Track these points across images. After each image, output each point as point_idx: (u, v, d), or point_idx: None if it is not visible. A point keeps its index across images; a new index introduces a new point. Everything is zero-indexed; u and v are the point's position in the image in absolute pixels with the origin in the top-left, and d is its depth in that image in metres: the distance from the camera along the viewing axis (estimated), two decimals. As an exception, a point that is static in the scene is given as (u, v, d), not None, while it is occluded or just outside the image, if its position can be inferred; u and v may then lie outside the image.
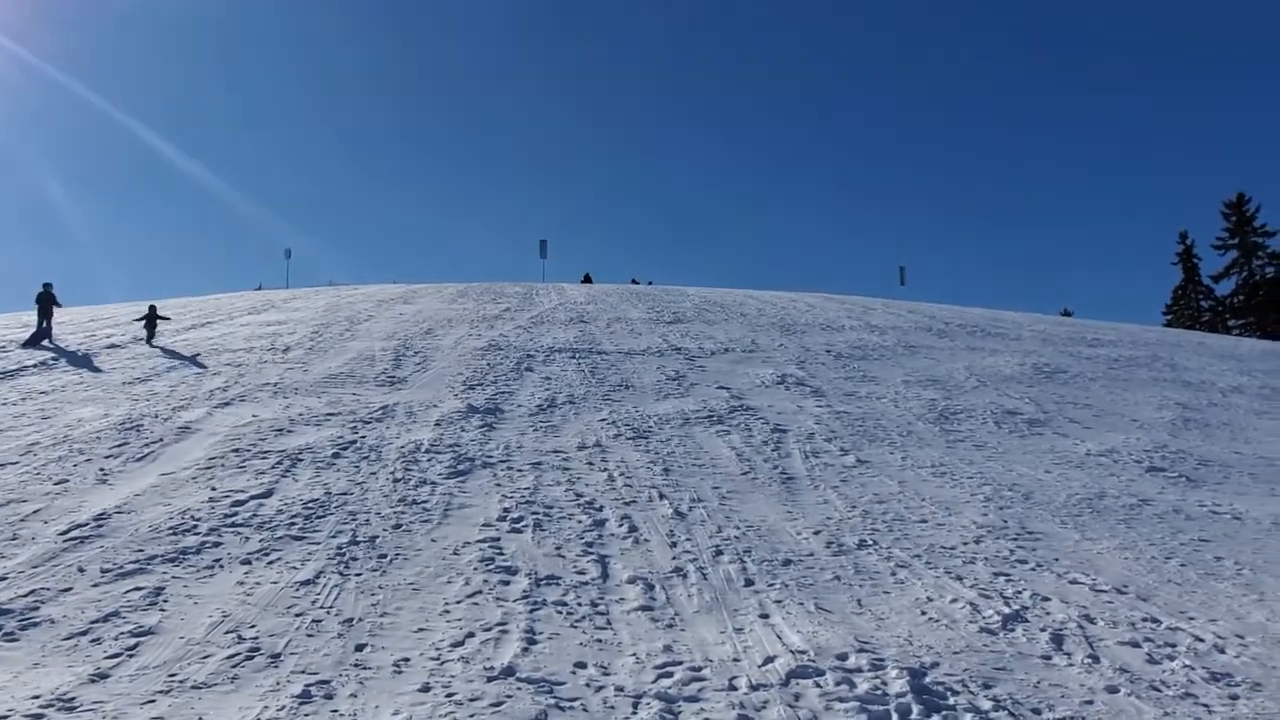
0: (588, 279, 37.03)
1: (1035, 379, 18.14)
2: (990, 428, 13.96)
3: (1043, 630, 6.44)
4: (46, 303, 18.98)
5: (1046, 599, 7.11)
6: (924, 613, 6.78)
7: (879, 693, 5.28)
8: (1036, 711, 5.18)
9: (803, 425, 13.34)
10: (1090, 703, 5.33)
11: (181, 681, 5.15)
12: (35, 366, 16.33)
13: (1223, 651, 6.17)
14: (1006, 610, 6.80)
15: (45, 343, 18.62)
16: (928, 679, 5.51)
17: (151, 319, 19.48)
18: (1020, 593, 7.25)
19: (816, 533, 8.74)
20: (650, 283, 37.50)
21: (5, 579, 6.85)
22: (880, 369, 18.24)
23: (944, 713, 5.07)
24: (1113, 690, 5.49)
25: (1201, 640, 6.34)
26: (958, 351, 20.77)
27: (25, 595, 6.53)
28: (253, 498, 9.06)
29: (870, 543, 8.48)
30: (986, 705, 5.20)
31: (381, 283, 33.83)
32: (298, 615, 6.29)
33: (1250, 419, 15.76)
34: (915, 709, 5.09)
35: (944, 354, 20.39)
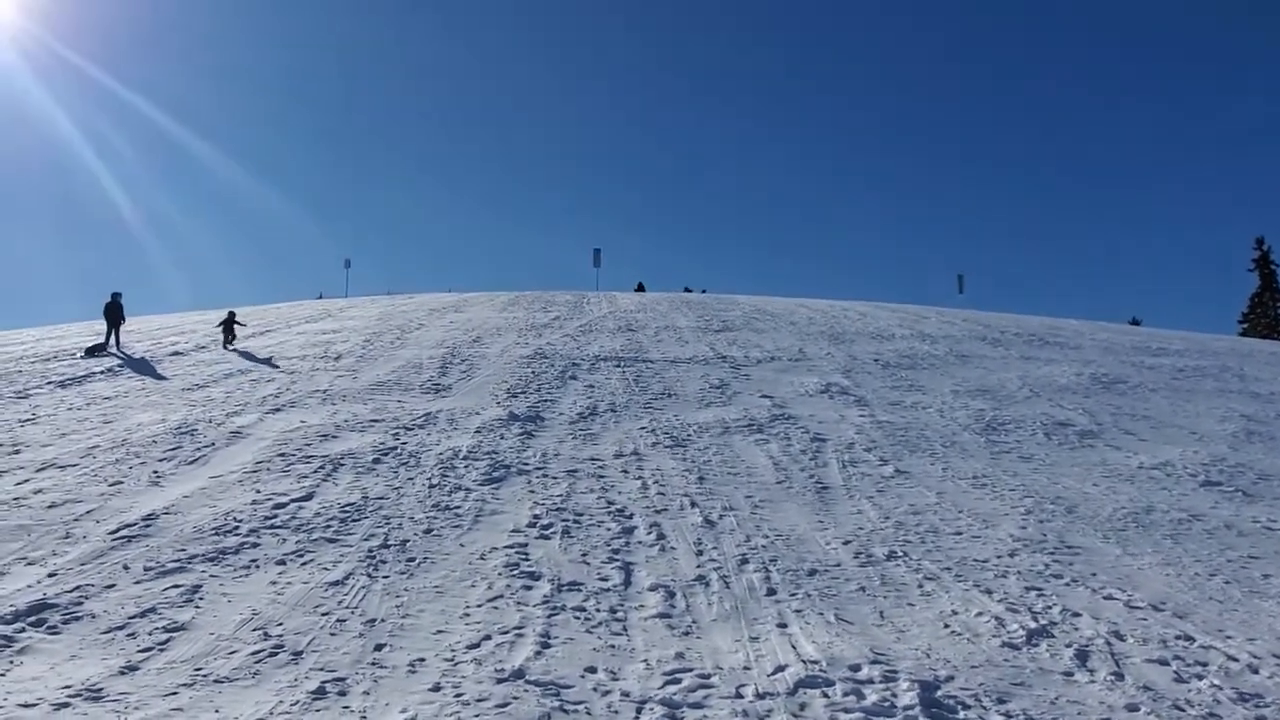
0: (640, 288, 37.20)
1: (1092, 389, 17.66)
2: (1039, 439, 13.64)
3: (1068, 646, 6.29)
4: (114, 312, 19.79)
5: (1077, 614, 6.94)
6: (947, 626, 6.68)
7: (886, 704, 5.23)
8: (1050, 728, 5.07)
9: (843, 435, 13.22)
10: (1108, 720, 5.20)
11: (205, 675, 5.35)
12: (102, 373, 17.05)
13: (1256, 672, 5.95)
14: (1033, 625, 6.66)
15: (112, 350, 19.42)
16: (939, 692, 5.44)
17: (229, 324, 20.62)
18: (1050, 608, 7.09)
19: (846, 543, 8.67)
20: (704, 291, 37.54)
21: (55, 575, 7.19)
22: (929, 378, 17.96)
23: (952, 727, 5.00)
24: (1133, 709, 5.35)
25: (1235, 660, 6.13)
26: (1011, 361, 20.33)
27: (71, 590, 6.84)
28: (293, 501, 9.34)
29: (900, 554, 8.38)
30: (998, 720, 5.11)
31: (437, 292, 34.48)
32: (324, 615, 6.47)
33: (1319, 432, 15.10)
34: (923, 722, 5.03)
35: (997, 363, 19.98)
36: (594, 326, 22.60)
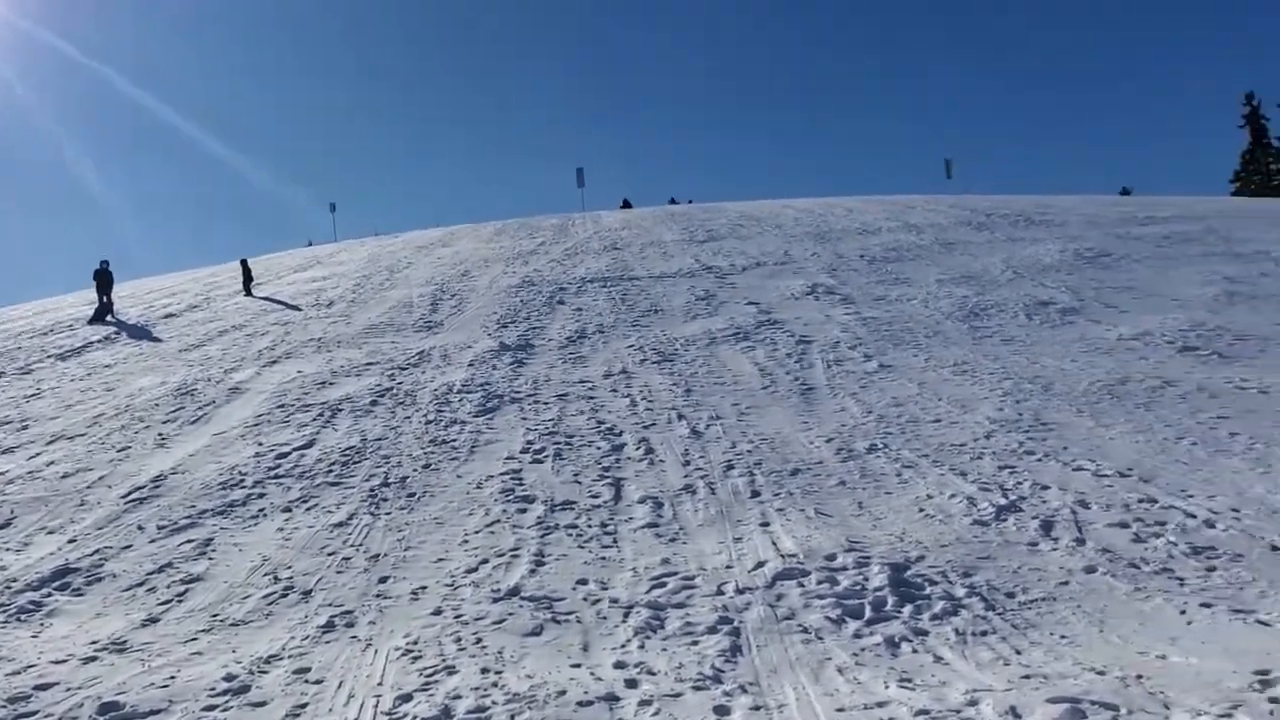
0: (626, 205, 36.95)
1: (1076, 265, 17.77)
2: (1021, 320, 13.85)
3: (1035, 519, 6.61)
4: (104, 279, 19.93)
5: (1046, 488, 7.26)
6: (921, 510, 7.00)
7: (858, 588, 5.57)
8: (1010, 595, 5.42)
9: (828, 334, 13.45)
10: (1065, 584, 5.54)
11: (222, 620, 5.72)
12: (99, 341, 17.30)
13: (1212, 526, 6.27)
14: (1002, 502, 6.98)
15: (108, 317, 19.62)
16: (909, 572, 5.78)
17: (246, 272, 21.55)
18: (1021, 484, 7.40)
19: (829, 440, 8.97)
20: (689, 201, 37.30)
21: (74, 541, 7.55)
22: (914, 270, 18.07)
23: (918, 603, 5.35)
24: (1090, 570, 5.69)
25: (1193, 517, 6.44)
26: (997, 244, 20.38)
27: (91, 554, 7.20)
28: (295, 449, 9.65)
29: (880, 446, 8.68)
30: (961, 593, 5.45)
31: (423, 228, 34.34)
32: (330, 554, 6.83)
33: (1301, 287, 15.24)
34: (890, 600, 5.38)
35: (982, 248, 20.04)
36: (580, 249, 22.65)
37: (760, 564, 6.07)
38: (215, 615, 5.82)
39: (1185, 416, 9.05)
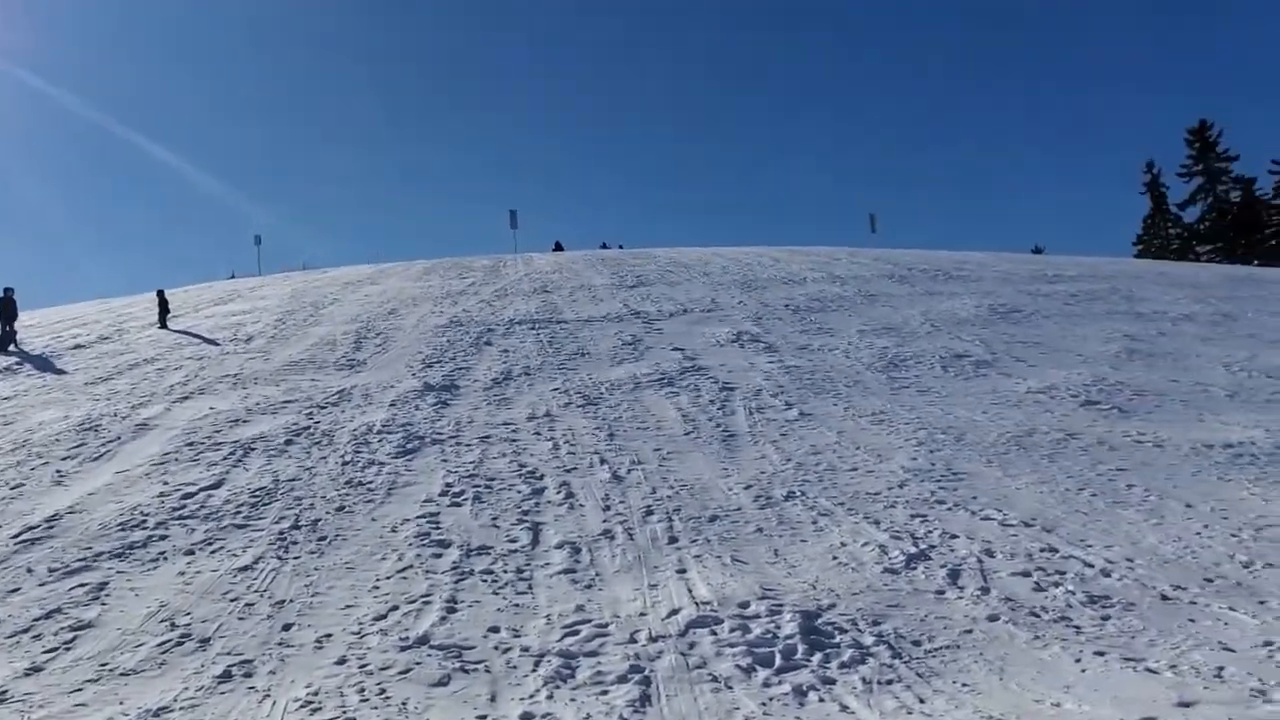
0: (558, 247, 37.10)
1: (990, 320, 18.43)
2: (937, 372, 14.27)
3: (942, 567, 6.78)
4: (6, 307, 19.09)
5: (954, 537, 7.45)
6: (835, 557, 7.11)
7: (769, 636, 5.61)
8: (916, 643, 5.52)
9: (751, 382, 13.63)
10: (969, 632, 5.68)
11: (111, 670, 5.46)
12: (-1, 373, 16.51)
13: (1108, 575, 6.52)
14: (913, 550, 7.14)
15: (10, 347, 18.77)
16: (820, 620, 5.85)
17: (163, 304, 20.89)
18: (931, 532, 7.59)
19: (747, 487, 9.06)
20: (621, 246, 37.62)
21: (-45, 584, 7.12)
22: (837, 320, 18.50)
23: (827, 651, 5.41)
24: (993, 619, 5.84)
25: (1090, 566, 6.69)
26: (916, 297, 21.01)
27: (-27, 599, 6.81)
28: (202, 489, 9.33)
29: (798, 494, 8.80)
30: (869, 641, 5.54)
31: (354, 264, 33.87)
32: (232, 600, 6.59)
33: (1195, 346, 16.07)
34: (801, 649, 5.43)
35: (903, 301, 20.64)
36: (510, 290, 22.60)
37: (674, 611, 6.07)
38: (104, 664, 5.56)
39: (1086, 468, 9.42)
